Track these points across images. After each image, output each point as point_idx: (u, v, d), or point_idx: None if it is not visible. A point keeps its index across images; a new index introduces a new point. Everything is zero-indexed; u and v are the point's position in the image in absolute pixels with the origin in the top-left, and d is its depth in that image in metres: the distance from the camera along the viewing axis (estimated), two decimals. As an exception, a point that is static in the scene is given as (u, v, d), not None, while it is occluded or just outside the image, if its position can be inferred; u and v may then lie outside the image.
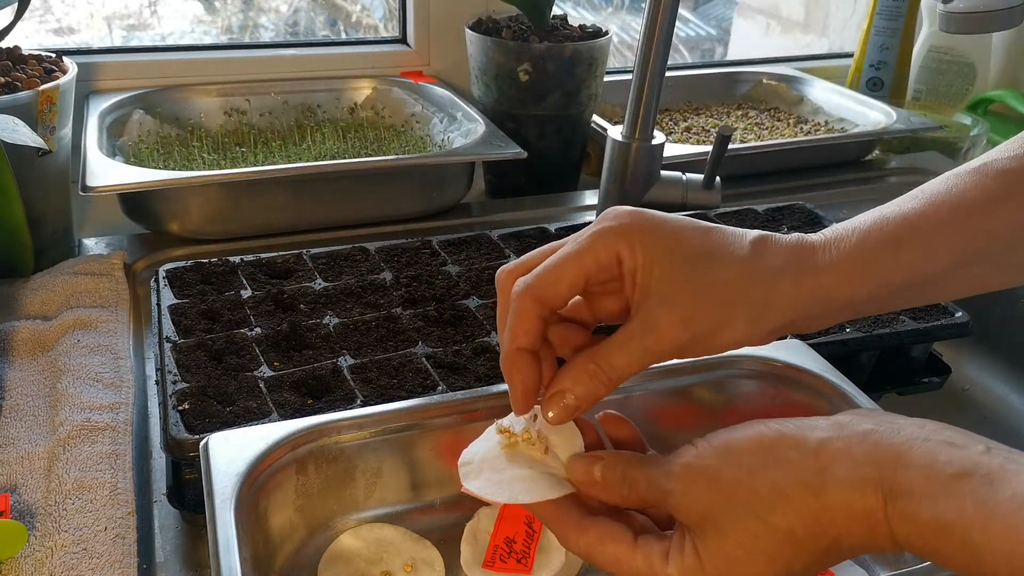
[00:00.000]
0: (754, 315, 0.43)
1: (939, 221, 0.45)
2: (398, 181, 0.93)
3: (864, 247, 0.45)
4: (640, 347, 0.43)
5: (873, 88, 1.31)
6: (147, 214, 0.88)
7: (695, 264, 0.43)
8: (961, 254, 0.45)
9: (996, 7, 0.83)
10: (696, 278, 0.43)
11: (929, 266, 0.45)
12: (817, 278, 0.44)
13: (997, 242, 0.45)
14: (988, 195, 0.46)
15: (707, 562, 0.39)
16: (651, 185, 0.91)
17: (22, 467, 0.58)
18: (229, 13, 1.34)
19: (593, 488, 0.42)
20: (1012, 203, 0.45)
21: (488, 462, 0.43)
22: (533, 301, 0.43)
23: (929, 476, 0.35)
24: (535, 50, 0.98)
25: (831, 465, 0.37)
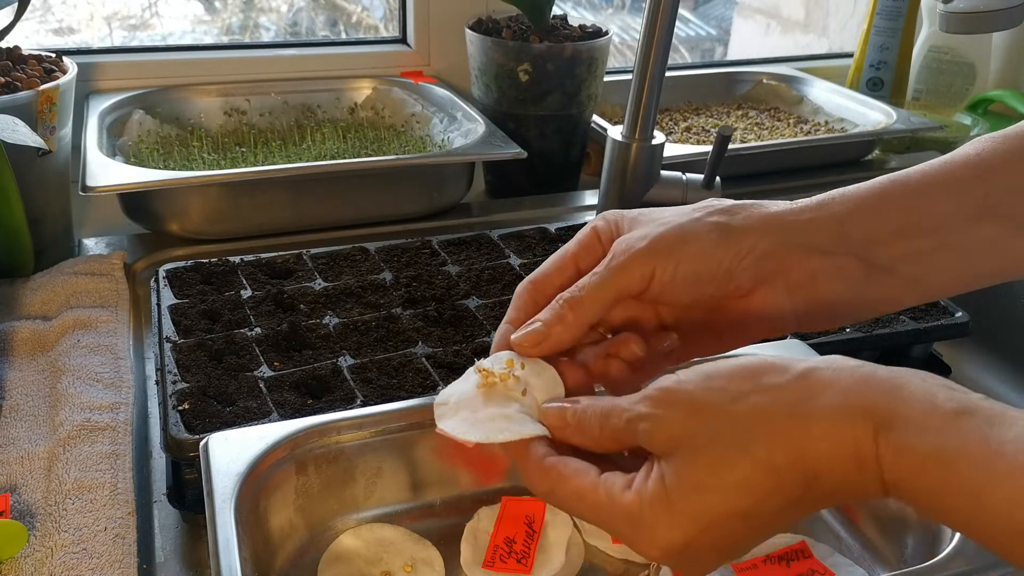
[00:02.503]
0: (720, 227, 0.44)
1: (932, 171, 0.44)
2: (398, 181, 0.93)
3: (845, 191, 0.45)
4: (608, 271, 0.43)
5: (873, 88, 1.31)
6: (147, 214, 0.88)
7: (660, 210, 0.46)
8: (962, 203, 0.43)
9: (996, 7, 0.83)
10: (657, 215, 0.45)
11: (928, 213, 0.43)
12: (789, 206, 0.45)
13: (1002, 198, 0.43)
14: (983, 155, 0.44)
15: (673, 491, 0.36)
16: (651, 185, 0.91)
17: (22, 467, 0.58)
18: (229, 13, 1.34)
19: (566, 431, 0.40)
20: (1009, 161, 0.44)
21: (464, 402, 0.42)
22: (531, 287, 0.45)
23: (927, 410, 0.33)
24: (535, 50, 0.98)
25: (819, 392, 0.35)
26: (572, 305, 0.43)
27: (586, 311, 0.43)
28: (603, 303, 0.43)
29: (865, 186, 0.45)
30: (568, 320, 0.43)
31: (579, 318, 0.43)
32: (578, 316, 0.43)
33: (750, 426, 0.35)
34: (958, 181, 0.43)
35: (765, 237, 0.43)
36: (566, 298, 0.43)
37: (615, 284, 0.43)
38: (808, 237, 0.43)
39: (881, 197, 0.44)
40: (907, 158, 1.17)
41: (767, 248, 0.43)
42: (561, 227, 0.84)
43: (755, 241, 0.43)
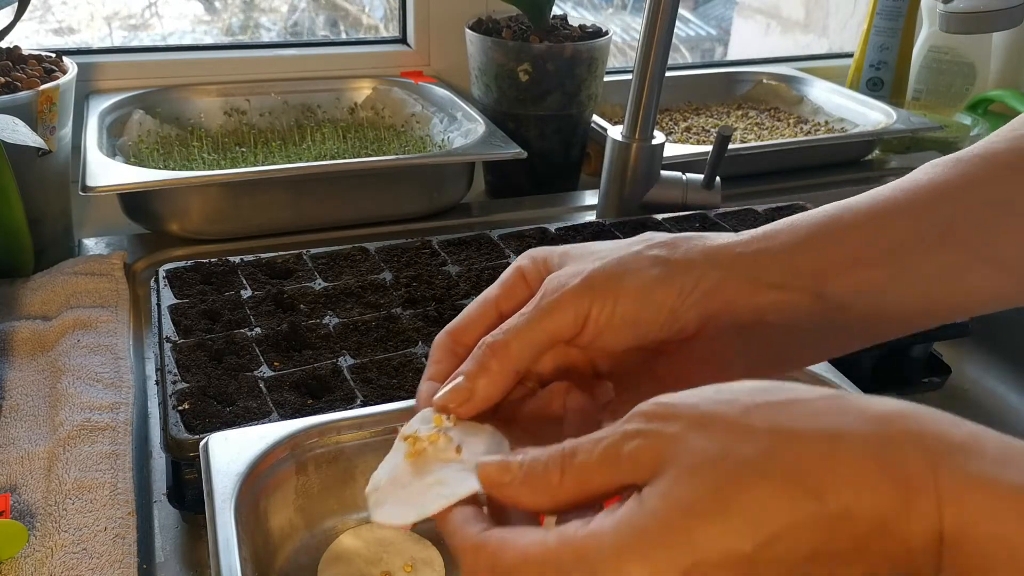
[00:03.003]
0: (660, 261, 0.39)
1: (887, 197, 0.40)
2: (398, 181, 0.93)
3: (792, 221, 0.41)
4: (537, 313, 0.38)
5: (873, 88, 1.31)
6: (147, 214, 0.88)
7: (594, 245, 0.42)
8: (920, 229, 0.39)
9: (996, 7, 0.83)
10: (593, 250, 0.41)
11: (881, 241, 0.39)
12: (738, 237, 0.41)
13: (962, 225, 0.39)
14: (941, 179, 0.40)
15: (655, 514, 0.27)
16: (651, 185, 0.92)
17: (22, 467, 0.58)
18: (229, 13, 1.34)
19: (511, 488, 0.32)
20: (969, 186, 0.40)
21: (396, 479, 0.36)
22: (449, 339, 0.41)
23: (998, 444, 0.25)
24: (535, 50, 0.98)
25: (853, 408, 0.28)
26: (496, 352, 0.38)
27: (513, 358, 0.38)
28: (532, 347, 0.38)
29: (816, 214, 0.41)
30: (493, 370, 0.38)
31: (505, 366, 0.38)
32: (504, 364, 0.38)
33: (769, 443, 0.27)
34: (915, 205, 0.40)
35: (710, 271, 0.39)
36: (489, 343, 0.38)
37: (545, 326, 0.38)
38: (756, 270, 0.39)
39: (833, 225, 0.40)
40: (907, 158, 1.17)
41: (712, 283, 0.39)
42: (561, 227, 0.84)
43: (699, 276, 0.39)
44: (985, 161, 0.40)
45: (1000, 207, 0.39)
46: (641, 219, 0.87)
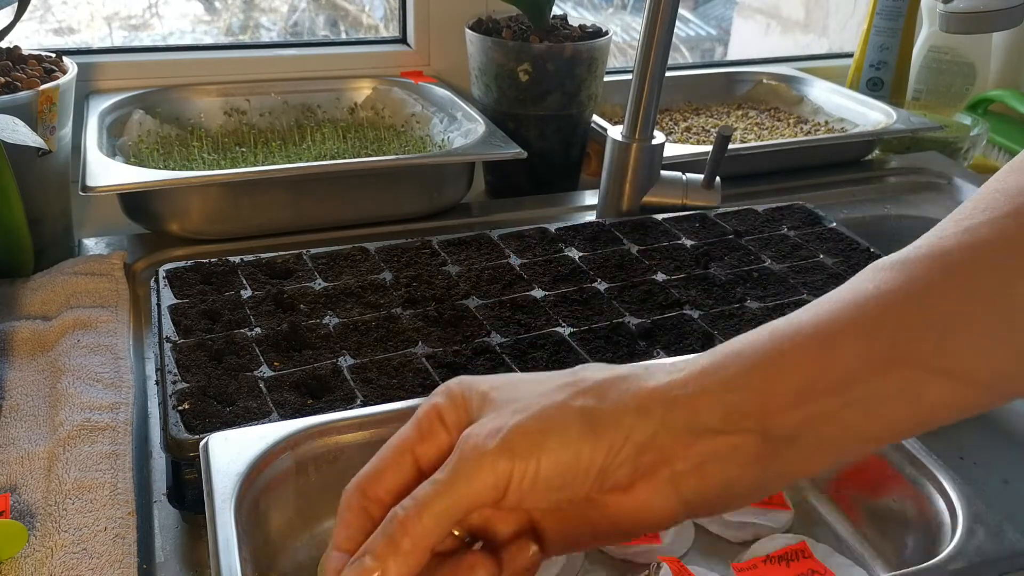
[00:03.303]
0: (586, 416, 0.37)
1: (829, 319, 0.37)
2: (398, 181, 0.93)
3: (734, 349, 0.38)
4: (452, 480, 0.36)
5: (873, 88, 1.31)
6: (147, 214, 0.88)
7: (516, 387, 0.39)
8: (868, 355, 0.36)
9: (996, 7, 0.83)
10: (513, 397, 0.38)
11: (827, 369, 0.36)
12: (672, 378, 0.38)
13: (912, 337, 0.36)
14: (885, 288, 0.37)
15: None
16: (651, 185, 0.92)
17: (22, 467, 0.58)
18: (229, 13, 1.34)
19: None
20: (916, 295, 0.36)
21: None
22: (358, 494, 0.39)
23: None
24: (535, 50, 0.98)
25: None
26: (407, 527, 0.35)
27: (426, 534, 0.35)
28: (448, 519, 0.36)
29: (760, 339, 0.38)
30: (404, 548, 0.35)
31: (418, 543, 0.35)
32: (417, 542, 0.35)
33: None
34: (862, 322, 0.36)
35: (641, 423, 0.37)
36: (400, 518, 0.35)
37: (462, 495, 0.36)
38: (694, 417, 0.37)
39: (777, 354, 0.37)
40: (907, 158, 1.17)
41: (645, 437, 0.37)
42: (561, 227, 0.84)
43: (630, 430, 0.37)
44: (933, 262, 0.36)
45: (953, 316, 0.35)
46: (641, 219, 0.87)
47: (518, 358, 0.65)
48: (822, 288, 0.76)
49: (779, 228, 0.87)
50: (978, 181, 1.09)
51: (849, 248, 0.84)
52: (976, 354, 0.35)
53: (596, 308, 0.72)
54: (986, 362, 0.36)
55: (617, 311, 0.72)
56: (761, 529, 0.55)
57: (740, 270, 0.79)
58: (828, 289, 0.78)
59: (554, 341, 0.67)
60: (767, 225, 0.88)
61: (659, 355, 0.66)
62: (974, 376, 0.36)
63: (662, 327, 0.70)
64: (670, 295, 0.75)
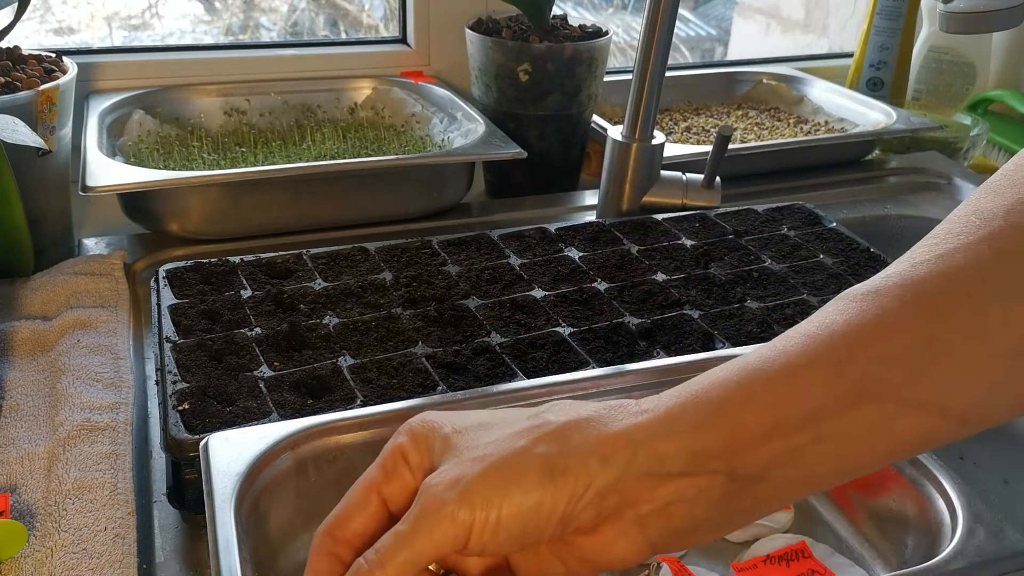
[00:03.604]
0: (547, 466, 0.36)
1: (799, 352, 0.36)
2: (398, 181, 0.93)
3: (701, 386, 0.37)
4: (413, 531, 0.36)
5: (873, 88, 1.31)
6: (147, 214, 0.88)
7: (478, 430, 0.39)
8: (837, 389, 0.35)
9: (996, 7, 0.83)
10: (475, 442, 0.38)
11: (794, 405, 0.35)
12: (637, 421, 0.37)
13: (883, 374, 0.35)
14: (855, 319, 0.36)
15: None
16: (651, 185, 0.92)
17: (22, 467, 0.58)
18: (229, 13, 1.34)
19: None
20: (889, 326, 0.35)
21: None
22: (328, 538, 0.39)
23: None
24: (535, 50, 0.98)
25: None
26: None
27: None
28: (410, 571, 0.37)
29: (728, 376, 0.37)
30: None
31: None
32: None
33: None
34: (831, 356, 0.36)
35: (604, 470, 0.36)
36: (364, 571, 0.36)
37: (424, 546, 0.36)
38: (658, 462, 0.36)
39: (745, 394, 0.36)
40: (907, 158, 1.17)
41: (607, 483, 0.36)
42: (561, 227, 0.84)
43: (592, 478, 0.36)
44: (905, 292, 0.36)
45: (925, 348, 0.35)
46: (641, 219, 0.87)
47: (518, 358, 0.65)
48: (822, 288, 0.76)
49: (779, 228, 0.87)
50: (978, 181, 1.09)
51: (849, 248, 0.84)
52: (949, 385, 0.35)
53: (596, 308, 0.72)
54: (959, 393, 0.35)
55: (617, 311, 0.72)
56: (761, 529, 0.55)
57: (740, 270, 0.79)
58: (828, 289, 0.77)
59: (554, 341, 0.67)
60: (767, 225, 0.88)
61: (659, 355, 0.66)
62: (946, 407, 0.35)
63: (662, 327, 0.70)
64: (670, 295, 0.75)
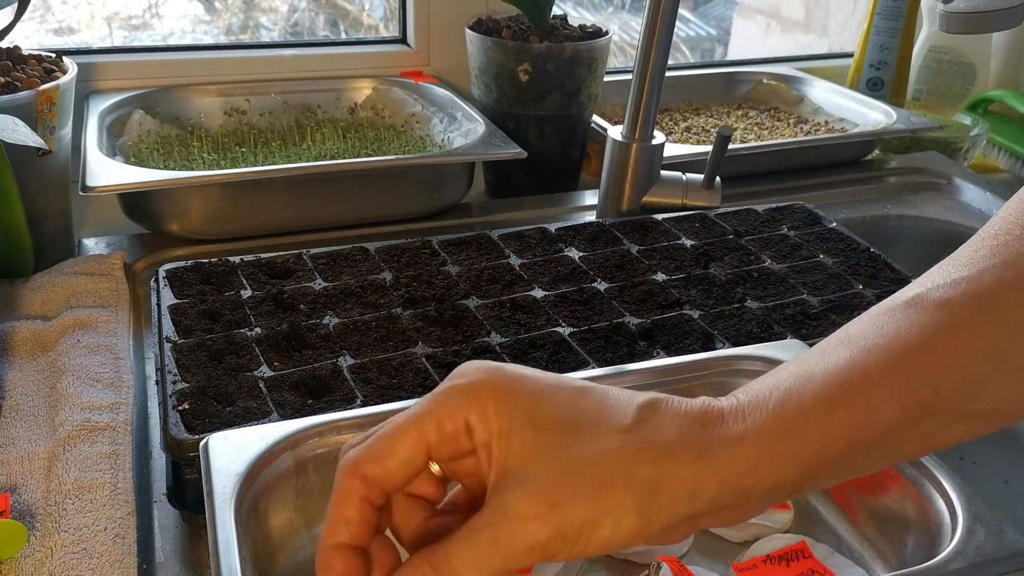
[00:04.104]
0: (641, 504, 0.35)
1: (876, 370, 0.36)
2: (398, 181, 0.93)
3: (785, 413, 0.36)
4: (490, 542, 0.34)
5: (873, 88, 1.31)
6: (147, 214, 0.88)
7: (565, 434, 0.35)
8: (908, 408, 0.36)
9: (996, 7, 0.83)
10: (565, 452, 0.35)
11: (870, 428, 0.36)
12: (727, 456, 0.36)
13: (950, 388, 0.36)
14: (929, 332, 0.36)
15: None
16: (651, 185, 0.92)
17: (22, 467, 0.58)
18: (229, 13, 1.34)
19: None
20: (960, 339, 0.36)
21: None
22: (358, 481, 0.35)
23: None
24: (535, 50, 0.98)
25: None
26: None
27: None
28: None
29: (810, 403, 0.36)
30: None
31: None
32: None
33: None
34: (903, 378, 0.36)
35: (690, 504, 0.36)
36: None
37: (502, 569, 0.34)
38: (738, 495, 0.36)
39: (826, 422, 0.36)
40: (907, 158, 1.17)
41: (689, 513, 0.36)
42: (561, 227, 0.84)
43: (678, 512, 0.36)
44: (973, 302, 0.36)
45: (987, 359, 0.35)
46: (641, 219, 0.87)
47: (518, 358, 0.65)
48: (822, 288, 0.76)
49: (779, 228, 0.87)
50: (978, 181, 1.10)
51: (849, 248, 0.84)
52: (1005, 393, 0.36)
53: (596, 308, 0.72)
54: (1012, 399, 0.36)
55: (617, 311, 0.72)
56: (761, 529, 0.55)
57: (740, 270, 0.79)
58: (828, 289, 0.77)
59: (554, 341, 0.67)
60: (767, 225, 0.88)
61: (659, 355, 0.66)
62: (997, 413, 0.37)
63: (662, 327, 0.70)
64: (670, 295, 0.75)
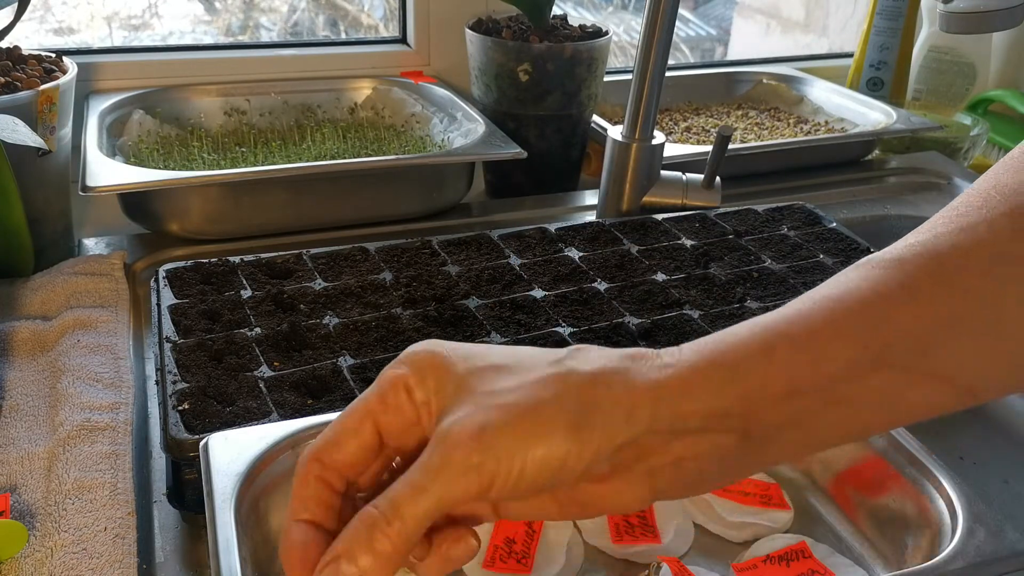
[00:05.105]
0: (572, 421, 0.35)
1: (823, 319, 0.37)
2: (398, 181, 0.93)
3: (723, 347, 0.37)
4: (424, 469, 0.34)
5: (873, 88, 1.31)
6: (147, 214, 0.88)
7: (498, 372, 0.36)
8: (856, 358, 0.36)
9: (996, 7, 0.83)
10: (496, 384, 0.36)
11: (815, 373, 0.36)
12: (660, 376, 0.36)
13: (902, 341, 0.36)
14: (881, 287, 0.37)
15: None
16: (651, 185, 0.92)
17: (22, 467, 0.58)
18: (229, 13, 1.34)
19: None
20: (911, 296, 0.36)
21: None
22: (316, 464, 0.36)
23: None
24: (535, 50, 0.98)
25: None
26: (386, 530, 0.34)
27: (407, 537, 0.34)
28: (427, 522, 0.34)
29: (748, 339, 0.37)
30: (384, 550, 0.34)
31: (399, 545, 0.34)
32: (397, 544, 0.34)
33: None
34: (851, 329, 0.36)
35: (627, 426, 0.36)
36: (377, 518, 0.34)
37: (441, 502, 0.34)
38: (679, 420, 0.36)
39: (766, 357, 0.36)
40: (907, 158, 1.17)
41: (627, 439, 0.36)
42: (561, 227, 0.84)
43: (615, 434, 0.36)
44: (928, 262, 0.36)
45: (945, 320, 0.36)
46: (641, 219, 0.87)
47: (518, 358, 0.65)
48: (822, 288, 0.76)
49: (779, 228, 0.87)
50: (978, 181, 1.09)
51: (849, 248, 0.84)
52: (964, 359, 0.36)
53: (596, 308, 0.72)
54: (973, 367, 0.36)
55: (617, 311, 0.72)
56: (761, 529, 0.55)
57: (740, 270, 0.79)
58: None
59: (554, 341, 0.67)
60: (767, 225, 0.88)
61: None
62: (958, 379, 0.36)
63: (662, 327, 0.70)
64: (670, 295, 0.75)
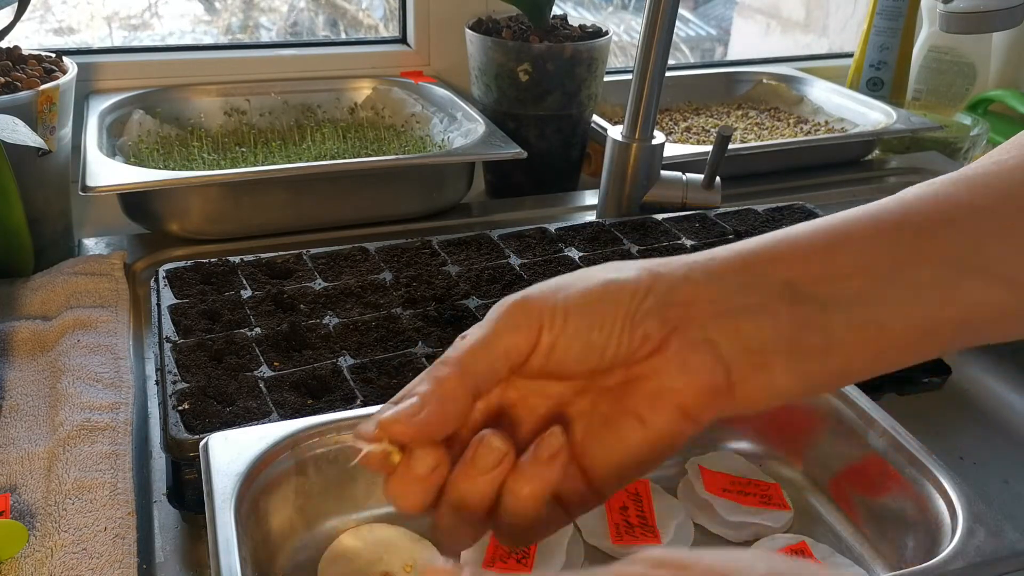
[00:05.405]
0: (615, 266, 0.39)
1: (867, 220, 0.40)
2: (398, 181, 0.93)
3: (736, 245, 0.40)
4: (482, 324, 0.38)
5: (873, 88, 1.31)
6: (147, 214, 0.88)
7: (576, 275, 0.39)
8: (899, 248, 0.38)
9: (996, 7, 0.83)
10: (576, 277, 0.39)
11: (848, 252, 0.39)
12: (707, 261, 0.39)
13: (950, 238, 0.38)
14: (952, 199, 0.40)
15: None
16: (651, 185, 0.92)
17: (22, 467, 0.58)
18: (229, 13, 1.34)
19: None
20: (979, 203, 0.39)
21: None
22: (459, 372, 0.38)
23: None
24: (535, 50, 0.98)
25: None
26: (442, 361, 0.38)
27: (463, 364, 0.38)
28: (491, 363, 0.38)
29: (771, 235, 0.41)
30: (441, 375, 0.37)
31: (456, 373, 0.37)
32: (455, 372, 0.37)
33: None
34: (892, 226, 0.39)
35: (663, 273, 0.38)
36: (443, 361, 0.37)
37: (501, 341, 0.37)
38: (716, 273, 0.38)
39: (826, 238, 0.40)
40: (907, 158, 1.17)
41: (666, 286, 0.37)
42: (561, 227, 0.84)
43: (652, 279, 0.37)
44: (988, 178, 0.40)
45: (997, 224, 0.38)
46: (641, 219, 0.87)
47: (518, 358, 0.65)
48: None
49: (779, 228, 0.87)
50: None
51: (849, 248, 0.84)
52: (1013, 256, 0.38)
53: (596, 308, 0.72)
54: None
55: (617, 311, 0.72)
56: (761, 529, 0.55)
57: (740, 270, 0.79)
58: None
59: (554, 341, 0.67)
60: (767, 225, 0.88)
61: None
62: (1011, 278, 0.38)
63: (662, 327, 0.70)
64: (670, 295, 0.74)
